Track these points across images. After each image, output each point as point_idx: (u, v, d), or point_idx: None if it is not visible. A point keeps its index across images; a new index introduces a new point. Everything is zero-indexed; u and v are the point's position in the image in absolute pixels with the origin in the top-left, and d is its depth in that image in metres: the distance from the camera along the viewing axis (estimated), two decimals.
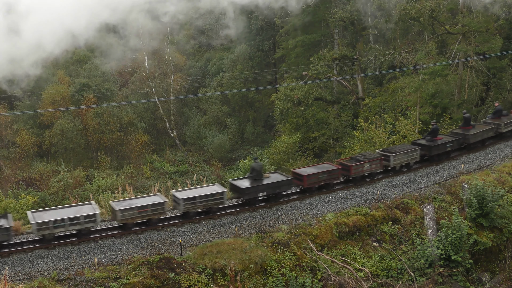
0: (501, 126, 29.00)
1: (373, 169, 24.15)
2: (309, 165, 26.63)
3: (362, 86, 44.45)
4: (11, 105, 55.23)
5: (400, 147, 26.27)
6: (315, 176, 22.69)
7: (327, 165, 24.16)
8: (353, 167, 23.48)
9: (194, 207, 20.58)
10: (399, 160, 24.84)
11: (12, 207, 29.02)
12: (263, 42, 56.29)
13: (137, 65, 61.93)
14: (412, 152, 25.45)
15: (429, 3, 35.79)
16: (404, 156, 25.06)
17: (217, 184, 22.47)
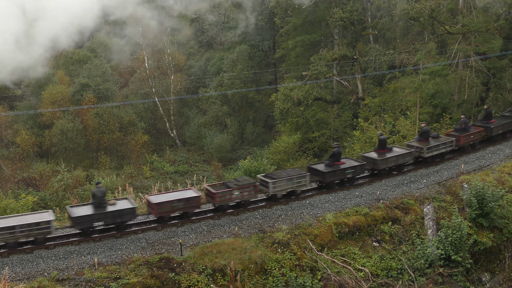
0: (423, 150, 25.68)
1: (246, 197, 21.37)
2: (172, 191, 23.55)
3: (362, 86, 44.45)
4: (11, 105, 55.25)
5: (287, 171, 22.99)
6: (168, 205, 20.19)
7: (191, 191, 21.47)
8: (218, 194, 20.88)
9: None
10: (281, 188, 21.93)
11: (12, 207, 29.02)
12: (263, 42, 56.30)
13: (137, 65, 61.95)
14: (299, 178, 22.41)
15: (429, 3, 35.79)
16: (287, 182, 22.04)
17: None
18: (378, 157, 24.60)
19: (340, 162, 23.95)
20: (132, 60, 65.32)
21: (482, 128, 28.46)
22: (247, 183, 21.70)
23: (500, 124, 29.22)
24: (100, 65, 56.70)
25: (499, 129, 29.13)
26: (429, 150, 25.85)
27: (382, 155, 24.83)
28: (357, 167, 23.90)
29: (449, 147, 26.69)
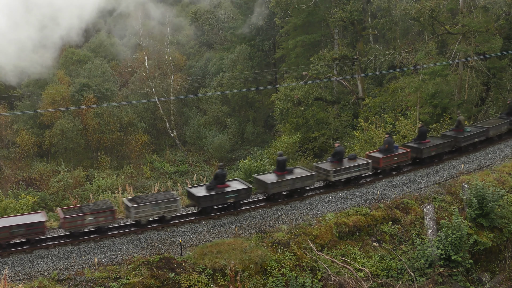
0: (329, 173, 23.10)
1: (102, 223, 19.35)
2: (15, 215, 21.27)
3: (362, 86, 44.45)
4: (11, 105, 55.27)
5: (156, 195, 20.80)
6: (5, 231, 17.98)
7: (37, 216, 19.39)
8: (67, 220, 18.80)
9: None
10: (146, 213, 19.75)
11: (12, 207, 29.03)
12: (263, 42, 56.32)
13: (137, 65, 61.96)
14: (168, 203, 20.13)
15: (429, 3, 35.79)
16: (154, 207, 19.84)
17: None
18: (270, 181, 21.81)
19: (225, 185, 21.21)
20: (132, 60, 65.34)
21: (409, 149, 25.51)
22: (103, 207, 19.50)
23: (433, 145, 26.03)
24: (100, 65, 56.73)
25: (430, 151, 25.91)
26: (336, 173, 22.98)
27: (280, 177, 22.15)
28: (242, 190, 21.13)
29: (364, 170, 23.69)
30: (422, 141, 26.23)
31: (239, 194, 21.12)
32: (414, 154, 25.78)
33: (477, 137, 27.73)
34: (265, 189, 21.96)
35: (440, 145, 26.30)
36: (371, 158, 24.44)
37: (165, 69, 58.60)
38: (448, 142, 26.70)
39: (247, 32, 56.93)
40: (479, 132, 27.91)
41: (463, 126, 27.92)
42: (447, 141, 26.68)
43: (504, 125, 29.33)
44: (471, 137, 27.49)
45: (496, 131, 28.77)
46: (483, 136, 28.06)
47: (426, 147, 25.71)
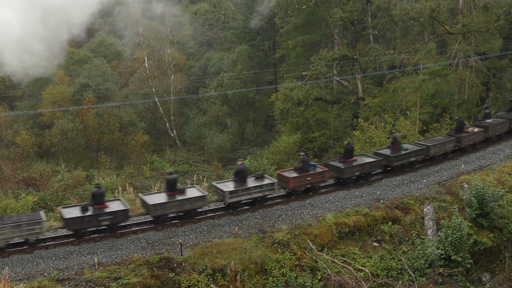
0: (225, 194, 21.04)
1: None
2: None
3: (362, 86, 44.45)
4: (11, 105, 55.28)
5: (17, 216, 19.11)
6: None
7: None
8: None
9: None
10: (5, 236, 17.93)
11: (12, 207, 29.01)
12: (263, 42, 56.32)
13: (137, 65, 61.97)
14: (30, 225, 18.20)
15: (429, 3, 35.80)
16: (13, 230, 18.04)
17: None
18: (153, 202, 19.96)
19: (103, 205, 19.50)
20: (132, 60, 65.36)
21: (326, 169, 23.39)
22: None
23: (357, 164, 23.73)
24: (100, 65, 56.74)
25: (353, 171, 23.61)
26: (233, 194, 21.01)
27: (169, 198, 20.49)
28: (118, 212, 19.35)
29: (268, 190, 21.58)
30: (347, 159, 23.93)
31: (114, 217, 19.29)
32: (335, 173, 23.59)
33: (413, 156, 25.38)
34: (147, 211, 20.15)
35: (367, 165, 23.85)
36: (281, 177, 22.41)
37: (165, 69, 58.61)
38: (377, 161, 24.26)
39: (247, 32, 56.93)
40: (416, 151, 25.55)
41: (399, 144, 25.34)
42: (375, 160, 24.24)
43: (450, 142, 26.75)
44: (405, 156, 25.07)
45: (438, 149, 26.31)
46: (421, 155, 25.76)
47: (348, 167, 23.39)
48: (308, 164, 22.86)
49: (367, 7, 43.33)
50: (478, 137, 28.10)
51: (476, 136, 27.94)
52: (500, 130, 29.31)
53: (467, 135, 27.43)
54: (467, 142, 27.48)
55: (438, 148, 26.29)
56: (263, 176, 22.35)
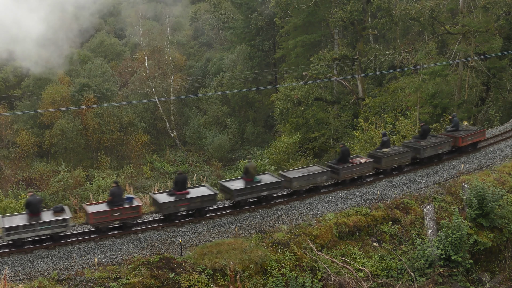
0: None
1: None
2: None
3: (362, 86, 44.46)
4: (11, 105, 55.30)
5: None
6: None
7: None
8: None
9: None
10: None
11: (12, 207, 29.02)
12: (263, 42, 56.32)
13: (137, 65, 61.98)
14: None
15: (429, 3, 35.81)
16: None
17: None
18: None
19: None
20: (132, 60, 65.37)
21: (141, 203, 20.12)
22: None
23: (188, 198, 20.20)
24: (100, 65, 56.75)
25: (178, 206, 20.07)
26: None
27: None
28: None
29: (58, 228, 18.53)
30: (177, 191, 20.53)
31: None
32: (156, 208, 20.49)
33: (264, 190, 21.36)
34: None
35: (198, 199, 20.28)
36: (87, 211, 19.32)
37: (165, 69, 58.63)
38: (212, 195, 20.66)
39: (247, 32, 56.94)
40: (270, 184, 21.43)
41: (252, 175, 21.38)
42: (211, 194, 20.66)
43: (322, 174, 22.62)
44: (253, 189, 21.14)
45: (305, 182, 22.28)
46: (275, 188, 21.62)
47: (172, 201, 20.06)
48: (121, 197, 19.63)
49: (367, 7, 43.35)
50: (365, 169, 23.60)
51: (361, 168, 23.46)
52: (398, 161, 24.56)
53: (348, 166, 23.14)
54: (347, 175, 23.08)
55: (303, 181, 22.22)
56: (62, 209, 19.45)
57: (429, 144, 25.43)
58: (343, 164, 23.30)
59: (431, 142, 25.67)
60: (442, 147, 25.85)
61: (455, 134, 26.68)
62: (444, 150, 26.01)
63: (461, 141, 26.46)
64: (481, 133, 27.49)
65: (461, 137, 26.46)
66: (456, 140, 26.51)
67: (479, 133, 27.34)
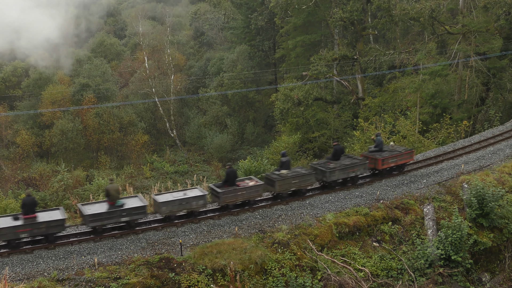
0: None
1: None
2: None
3: (362, 86, 44.46)
4: (11, 105, 55.30)
5: None
6: None
7: None
8: None
9: None
10: None
11: (12, 207, 29.04)
12: (263, 42, 56.32)
13: (137, 65, 62.00)
14: None
15: (429, 3, 35.82)
16: None
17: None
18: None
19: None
20: (132, 60, 65.39)
21: None
22: None
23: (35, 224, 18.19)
24: (100, 65, 56.76)
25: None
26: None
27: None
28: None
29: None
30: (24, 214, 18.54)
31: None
32: None
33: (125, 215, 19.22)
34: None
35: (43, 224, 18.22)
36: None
37: (165, 69, 58.63)
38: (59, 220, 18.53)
39: (247, 32, 56.95)
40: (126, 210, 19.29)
41: (114, 198, 19.62)
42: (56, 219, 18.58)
43: (193, 200, 20.29)
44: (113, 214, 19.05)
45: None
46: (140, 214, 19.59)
47: None
48: None
49: (367, 7, 43.36)
50: (253, 193, 21.27)
51: (248, 192, 21.14)
52: (297, 185, 22.05)
53: (231, 190, 20.86)
54: (229, 199, 20.79)
55: (175, 205, 20.13)
56: None
57: (338, 167, 22.72)
58: (228, 187, 20.97)
59: (341, 164, 22.95)
60: (355, 169, 23.02)
61: (375, 155, 24.01)
62: (358, 173, 23.19)
63: (380, 164, 23.65)
64: (407, 154, 24.70)
65: (381, 159, 23.65)
66: (375, 162, 23.83)
67: (405, 155, 24.61)
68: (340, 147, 23.89)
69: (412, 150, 25.20)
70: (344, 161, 23.42)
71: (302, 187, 22.31)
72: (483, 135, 30.93)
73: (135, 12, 74.92)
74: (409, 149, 25.10)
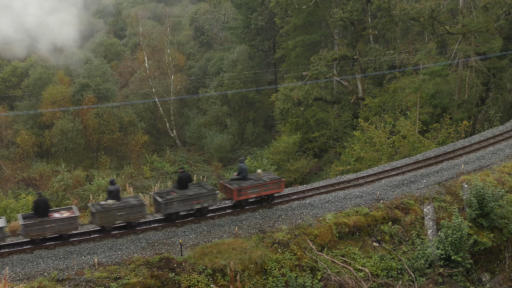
0: None
1: None
2: None
3: (362, 86, 44.46)
4: (11, 105, 55.30)
5: None
6: None
7: None
8: None
9: None
10: None
11: (12, 207, 29.03)
12: (263, 42, 56.33)
13: (137, 65, 62.01)
14: None
15: (429, 3, 35.81)
16: None
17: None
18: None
19: None
20: (132, 60, 65.39)
21: None
22: None
23: None
24: (100, 65, 56.77)
25: None
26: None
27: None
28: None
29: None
30: None
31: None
32: None
33: None
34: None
35: None
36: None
37: (165, 69, 58.64)
38: None
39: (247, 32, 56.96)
40: None
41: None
42: None
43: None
44: None
45: None
46: None
47: None
48: None
49: (367, 7, 43.36)
50: (65, 225, 18.43)
51: (58, 225, 18.29)
52: (125, 217, 19.28)
53: (37, 222, 18.16)
54: (33, 232, 18.05)
55: None
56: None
57: (177, 197, 19.88)
58: (37, 218, 18.38)
59: (181, 195, 20.06)
60: (200, 200, 20.11)
61: (232, 184, 21.02)
62: (205, 204, 20.29)
63: (236, 194, 20.62)
64: (275, 184, 21.39)
65: (237, 189, 20.63)
66: (230, 192, 20.90)
67: (271, 185, 21.30)
68: (186, 174, 20.96)
69: (281, 179, 21.73)
70: (190, 190, 20.42)
71: (131, 220, 19.34)
72: (483, 135, 30.90)
73: (135, 12, 74.91)
74: (277, 178, 21.61)
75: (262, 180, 21.41)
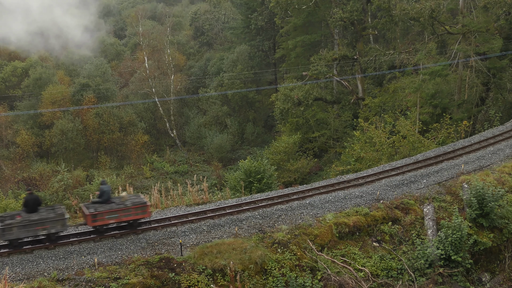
0: None
1: None
2: None
3: (362, 86, 44.46)
4: (11, 105, 55.29)
5: None
6: None
7: None
8: None
9: None
10: None
11: (12, 207, 29.03)
12: (263, 42, 56.33)
13: (137, 65, 62.01)
14: None
15: (429, 3, 35.81)
16: None
17: None
18: None
19: None
20: (132, 60, 65.39)
21: None
22: None
23: None
24: (100, 65, 56.75)
25: None
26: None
27: None
28: None
29: None
30: None
31: None
32: None
33: None
34: None
35: None
36: None
37: (165, 69, 58.64)
38: None
39: (247, 32, 56.97)
40: None
41: None
42: None
43: None
44: None
45: None
46: None
47: None
48: None
49: (367, 7, 43.36)
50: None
51: None
52: None
53: None
54: None
55: None
56: None
57: (18, 222, 17.89)
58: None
59: (23, 219, 18.09)
60: (46, 226, 18.10)
61: (89, 208, 19.16)
62: (52, 230, 18.26)
63: (90, 219, 18.70)
64: (138, 209, 19.30)
65: (91, 214, 18.69)
66: (85, 217, 19.13)
67: (134, 210, 19.25)
68: (34, 196, 18.90)
69: (146, 203, 19.53)
70: (37, 214, 18.47)
71: None
72: (483, 135, 30.90)
73: (135, 12, 74.91)
74: (141, 203, 19.47)
75: (124, 205, 19.29)
